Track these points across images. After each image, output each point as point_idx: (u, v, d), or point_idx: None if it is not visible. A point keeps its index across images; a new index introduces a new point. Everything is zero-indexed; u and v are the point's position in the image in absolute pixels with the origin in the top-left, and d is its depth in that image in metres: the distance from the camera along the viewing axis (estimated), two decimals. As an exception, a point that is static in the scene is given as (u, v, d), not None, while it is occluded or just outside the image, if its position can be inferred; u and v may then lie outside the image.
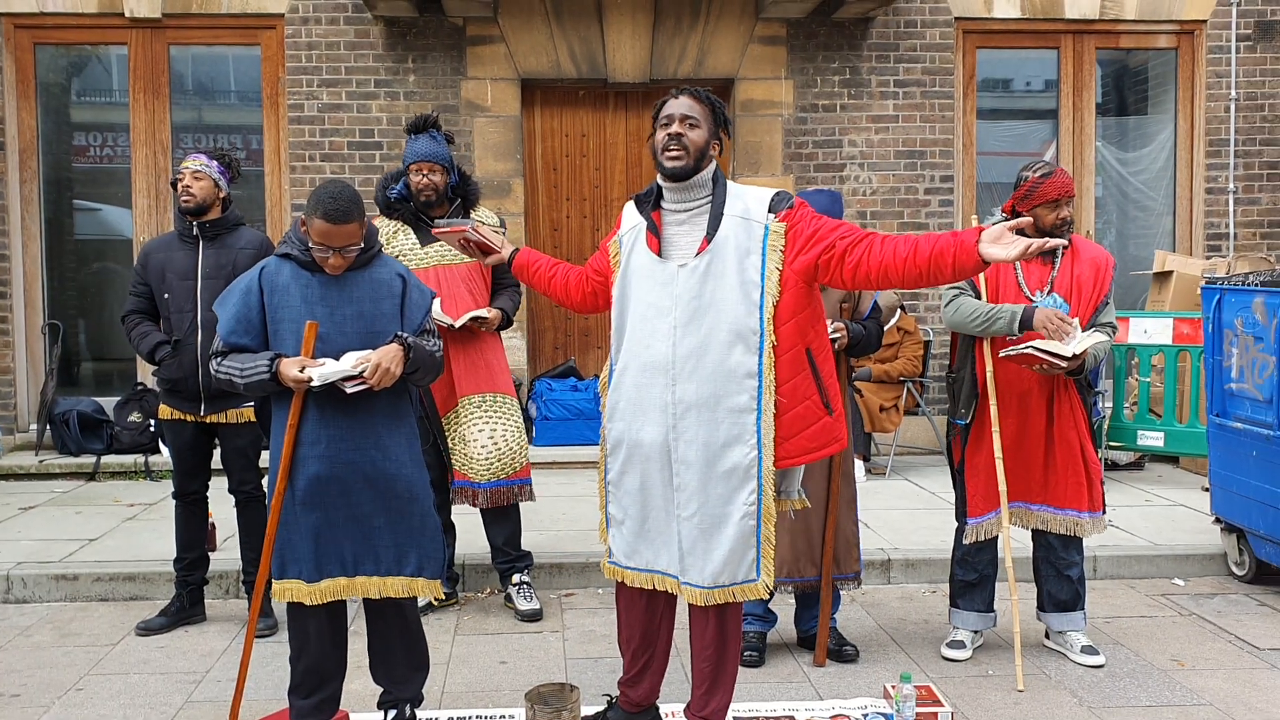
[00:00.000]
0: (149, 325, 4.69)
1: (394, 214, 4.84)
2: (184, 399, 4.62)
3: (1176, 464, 7.76)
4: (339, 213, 3.24)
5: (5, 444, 7.84)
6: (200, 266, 4.59)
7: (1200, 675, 4.23)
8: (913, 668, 4.28)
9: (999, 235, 2.98)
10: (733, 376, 3.23)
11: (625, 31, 8.03)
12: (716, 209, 3.29)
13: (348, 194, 3.29)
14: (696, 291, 3.24)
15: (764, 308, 3.23)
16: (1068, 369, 4.06)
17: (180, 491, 4.76)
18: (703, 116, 3.29)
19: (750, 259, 3.24)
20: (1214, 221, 8.51)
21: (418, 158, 4.75)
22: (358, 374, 3.25)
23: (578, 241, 8.47)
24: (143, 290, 4.70)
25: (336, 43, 8.00)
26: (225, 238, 4.64)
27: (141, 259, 4.74)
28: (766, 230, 3.25)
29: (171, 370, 4.58)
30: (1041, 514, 4.31)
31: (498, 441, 4.80)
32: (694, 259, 3.27)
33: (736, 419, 3.23)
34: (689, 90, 3.32)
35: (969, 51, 8.41)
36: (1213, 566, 5.55)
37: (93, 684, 4.19)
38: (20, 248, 8.05)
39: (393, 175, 4.90)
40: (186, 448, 4.72)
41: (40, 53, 8.16)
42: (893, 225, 8.25)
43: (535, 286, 3.81)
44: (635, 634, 3.51)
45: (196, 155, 4.66)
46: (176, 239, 4.69)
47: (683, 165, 3.27)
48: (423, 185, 4.75)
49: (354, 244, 3.32)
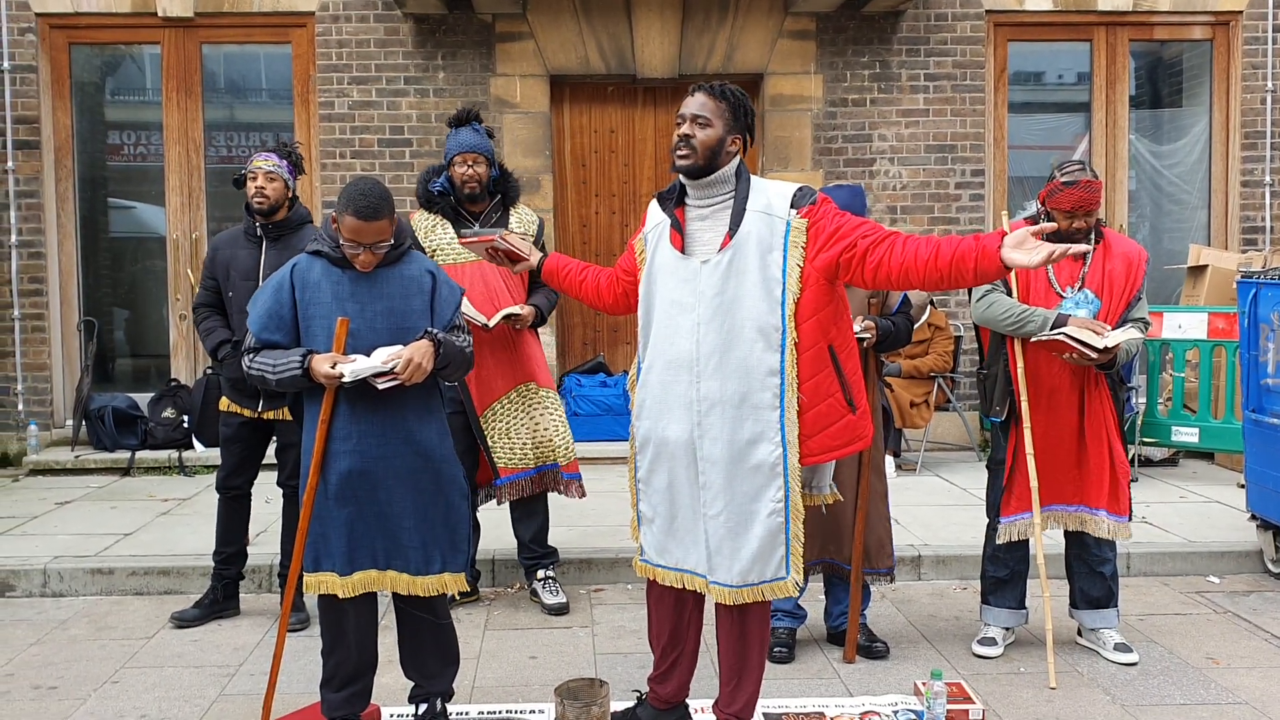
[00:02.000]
0: (216, 321, 4.73)
1: (434, 208, 4.84)
2: (245, 395, 4.66)
3: (1212, 460, 7.68)
4: (369, 209, 3.26)
5: (42, 439, 7.94)
6: (263, 267, 4.60)
7: (1235, 673, 4.19)
8: (943, 664, 4.26)
9: (1022, 240, 2.94)
10: (755, 373, 3.22)
11: (654, 27, 8.03)
12: (739, 205, 3.27)
13: (378, 190, 3.31)
14: (719, 288, 3.23)
15: (785, 304, 3.21)
16: (1098, 361, 4.03)
17: (224, 485, 4.79)
18: (716, 114, 3.25)
19: (772, 255, 3.22)
20: (1250, 215, 8.40)
21: (462, 149, 4.75)
22: (389, 370, 3.27)
23: (606, 238, 8.48)
24: (211, 285, 4.74)
25: (367, 40, 8.04)
26: (289, 238, 4.64)
27: (210, 253, 4.78)
28: (788, 226, 3.23)
29: (233, 370, 4.58)
30: (1079, 514, 4.27)
31: (538, 431, 4.80)
32: (716, 255, 3.26)
33: (760, 416, 3.22)
34: (704, 87, 3.30)
35: (1000, 44, 8.35)
36: (1248, 564, 5.49)
37: (128, 676, 4.24)
38: (56, 245, 8.15)
39: (434, 169, 4.89)
40: (238, 441, 4.75)
41: (75, 52, 8.25)
42: (923, 220, 8.21)
43: (567, 291, 3.80)
44: (664, 630, 3.52)
45: (267, 155, 4.65)
46: (242, 236, 4.70)
47: (690, 164, 3.26)
48: (467, 176, 4.75)
49: (384, 240, 3.33)
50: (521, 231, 4.80)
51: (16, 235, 7.98)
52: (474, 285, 4.71)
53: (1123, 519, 4.24)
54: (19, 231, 7.99)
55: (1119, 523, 4.23)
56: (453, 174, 4.77)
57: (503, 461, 4.78)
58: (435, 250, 4.76)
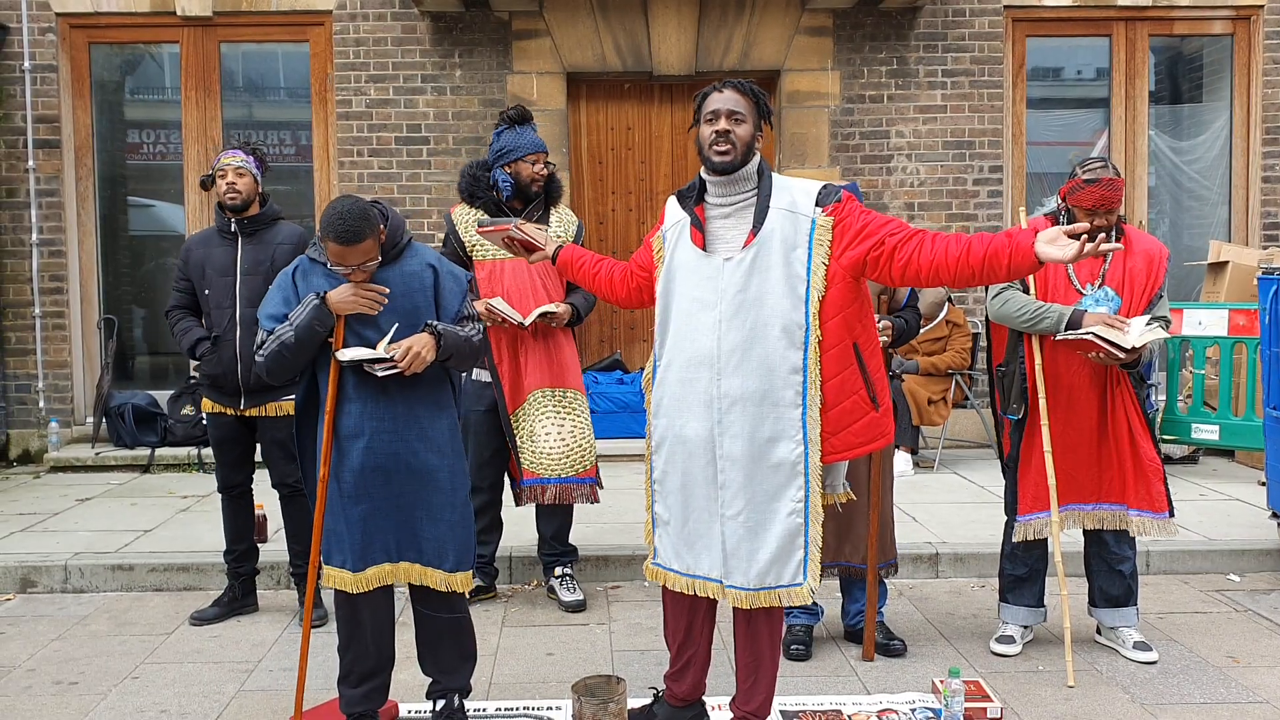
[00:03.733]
0: (191, 321, 4.74)
1: (476, 203, 4.81)
2: (224, 393, 4.67)
3: (1232, 458, 7.63)
4: (349, 233, 3.25)
5: (62, 437, 8.00)
6: (239, 263, 4.63)
7: (1256, 672, 4.16)
8: (961, 663, 4.25)
9: (1055, 237, 2.96)
10: (778, 371, 3.21)
11: (670, 24, 8.02)
12: (763, 202, 3.26)
13: (355, 212, 3.26)
14: (742, 285, 3.23)
15: (810, 302, 3.20)
16: (1124, 360, 4.00)
17: (225, 485, 4.82)
18: (748, 110, 3.26)
19: (796, 253, 3.22)
20: (1271, 211, 8.34)
21: (536, 148, 4.77)
22: (389, 358, 3.28)
23: (623, 234, 8.48)
24: (185, 285, 4.75)
25: (384, 38, 8.07)
26: (263, 233, 4.67)
27: (183, 255, 4.78)
28: (813, 224, 3.22)
29: (212, 366, 4.63)
30: (1097, 512, 4.25)
31: (566, 439, 4.75)
32: (739, 252, 3.25)
33: (782, 414, 3.21)
34: (733, 83, 3.29)
35: (1018, 40, 8.31)
36: (1269, 562, 5.45)
37: (148, 672, 4.27)
38: (76, 244, 8.20)
39: (480, 164, 4.86)
40: (228, 441, 4.77)
41: (95, 52, 8.30)
42: (940, 216, 8.18)
43: (580, 283, 3.82)
44: (679, 628, 3.52)
45: (234, 151, 4.67)
46: (216, 234, 4.72)
47: (731, 160, 3.24)
48: (537, 175, 4.77)
49: (371, 259, 3.33)
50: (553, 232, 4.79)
51: (37, 234, 8.04)
52: (512, 283, 4.70)
53: (1161, 515, 4.17)
54: (40, 230, 8.05)
55: (1156, 519, 4.16)
56: (519, 171, 4.75)
57: (527, 464, 4.76)
58: (474, 246, 4.75)
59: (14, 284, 8.10)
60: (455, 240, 4.78)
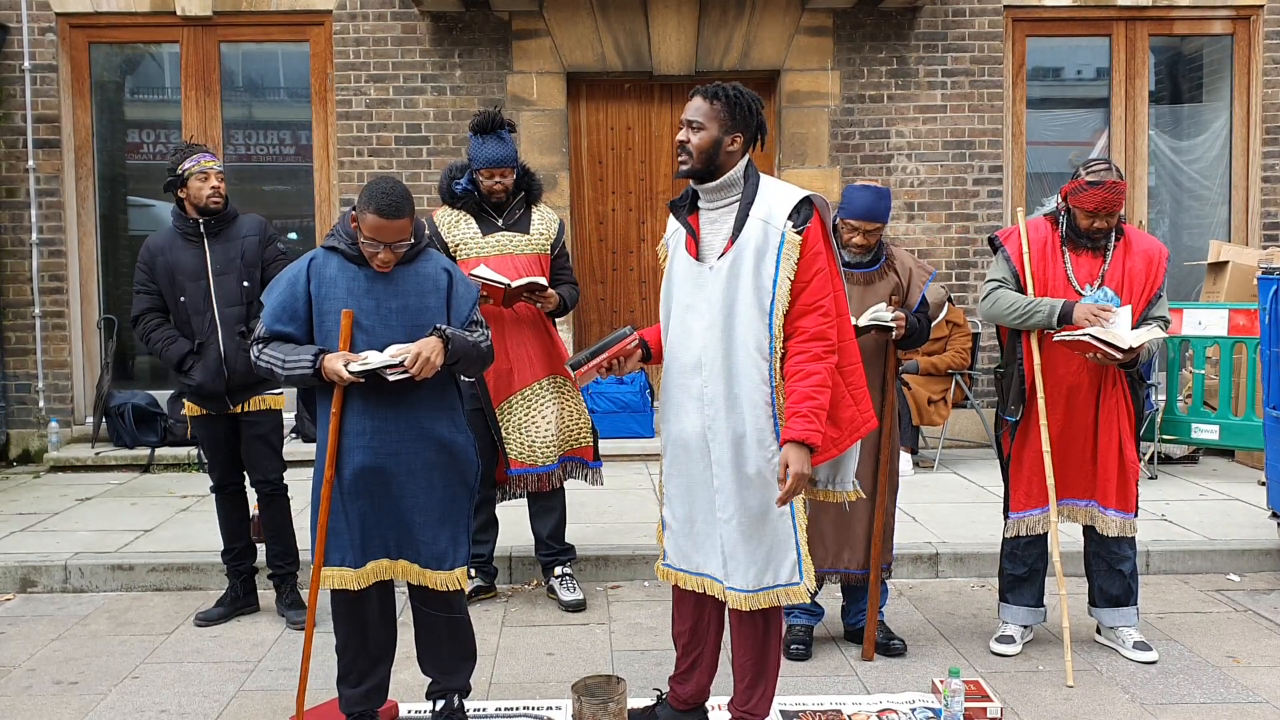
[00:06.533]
0: (171, 329, 4.66)
1: (457, 204, 4.84)
2: (207, 399, 4.66)
3: (1232, 457, 7.63)
4: (392, 208, 3.27)
5: (62, 436, 8.00)
6: (210, 264, 4.60)
7: (1255, 672, 4.16)
8: (961, 662, 4.25)
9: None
10: (750, 379, 3.21)
11: (670, 24, 8.02)
12: (743, 210, 3.24)
13: (400, 190, 3.32)
14: (722, 293, 3.23)
15: (774, 315, 3.18)
16: (1122, 361, 4.00)
17: (219, 485, 4.82)
18: (709, 116, 3.21)
19: (764, 265, 3.19)
20: (1271, 211, 8.34)
21: (489, 164, 4.71)
22: (398, 362, 3.28)
23: (623, 235, 8.48)
24: (154, 289, 4.66)
25: (384, 38, 8.06)
26: (228, 230, 4.66)
27: (146, 260, 4.67)
28: (783, 238, 3.19)
29: (199, 375, 4.59)
30: (1090, 510, 4.26)
31: (564, 419, 4.85)
32: (717, 260, 3.26)
33: (757, 420, 3.22)
34: (700, 90, 3.26)
35: (1018, 40, 8.31)
36: (1269, 562, 5.45)
37: (148, 672, 4.27)
38: (76, 244, 8.20)
39: (458, 167, 4.88)
40: (218, 441, 4.76)
41: (95, 51, 8.30)
42: (940, 217, 8.18)
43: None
44: (686, 629, 3.53)
45: (209, 155, 4.66)
46: (179, 237, 4.65)
47: (688, 169, 3.25)
48: (495, 189, 4.75)
49: (404, 239, 3.34)
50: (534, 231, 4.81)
51: (37, 233, 8.04)
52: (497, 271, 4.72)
53: (1129, 515, 4.22)
54: (39, 230, 8.05)
55: (1125, 519, 4.22)
56: (479, 181, 4.77)
57: (514, 454, 4.79)
58: (457, 245, 4.76)
59: (14, 284, 8.10)
60: (439, 244, 4.78)
